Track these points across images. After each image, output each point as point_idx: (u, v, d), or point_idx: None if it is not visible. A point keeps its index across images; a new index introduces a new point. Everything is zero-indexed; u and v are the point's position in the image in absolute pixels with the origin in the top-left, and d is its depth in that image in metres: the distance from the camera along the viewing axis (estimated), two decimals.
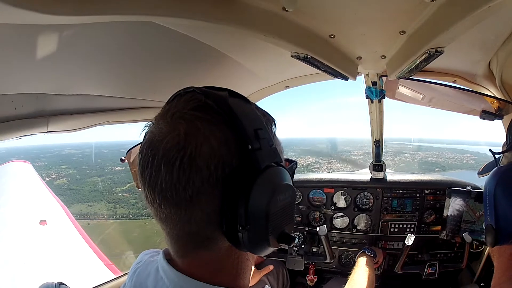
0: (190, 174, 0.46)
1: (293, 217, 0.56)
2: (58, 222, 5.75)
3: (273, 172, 0.50)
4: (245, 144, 0.48)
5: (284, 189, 0.51)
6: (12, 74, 0.78)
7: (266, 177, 0.49)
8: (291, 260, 1.94)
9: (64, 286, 1.00)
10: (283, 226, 0.53)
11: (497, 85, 1.26)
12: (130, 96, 1.16)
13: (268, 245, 0.51)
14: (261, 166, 0.48)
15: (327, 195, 2.11)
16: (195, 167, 0.46)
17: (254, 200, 0.47)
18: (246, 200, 0.46)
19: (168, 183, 0.47)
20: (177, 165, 0.46)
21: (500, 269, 0.78)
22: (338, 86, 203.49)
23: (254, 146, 0.48)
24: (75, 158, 36.39)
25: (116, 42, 0.85)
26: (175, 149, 0.46)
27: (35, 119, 0.93)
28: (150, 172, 0.48)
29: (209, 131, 0.47)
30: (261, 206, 0.48)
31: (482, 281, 1.73)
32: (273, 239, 0.51)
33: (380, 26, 0.94)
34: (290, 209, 0.54)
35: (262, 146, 0.49)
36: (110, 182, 27.69)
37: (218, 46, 1.06)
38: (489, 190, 0.79)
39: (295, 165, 0.65)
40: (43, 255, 4.41)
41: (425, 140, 48.62)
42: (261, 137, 0.49)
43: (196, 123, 0.48)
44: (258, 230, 0.48)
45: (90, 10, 0.55)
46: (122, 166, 11.58)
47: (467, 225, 1.62)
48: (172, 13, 0.66)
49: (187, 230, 0.51)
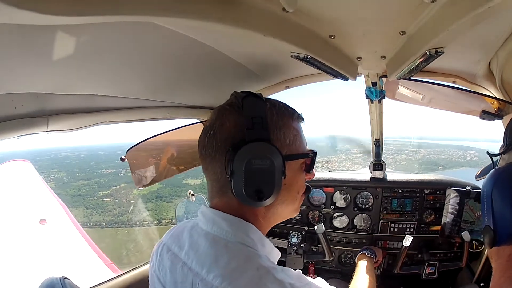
0: (214, 140, 0.74)
1: (272, 183, 0.72)
2: (58, 221, 5.76)
3: (254, 144, 0.70)
4: (244, 125, 0.72)
5: (259, 157, 0.70)
6: (12, 73, 0.78)
7: (248, 147, 0.70)
8: (290, 260, 1.94)
9: (68, 281, 1.00)
10: (258, 184, 0.71)
11: (497, 85, 1.25)
12: (130, 96, 1.16)
13: (248, 197, 0.70)
14: (245, 140, 0.70)
15: (326, 194, 2.12)
16: (217, 136, 0.74)
17: (236, 162, 0.69)
18: (233, 159, 0.69)
19: (206, 144, 0.76)
20: (209, 134, 0.76)
21: (499, 270, 0.78)
22: (338, 86, 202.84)
23: (248, 127, 0.71)
24: (69, 161, 36.45)
25: (116, 42, 0.85)
26: (210, 125, 0.77)
27: (35, 119, 0.93)
28: (201, 138, 0.78)
29: (227, 116, 0.76)
30: (240, 167, 0.69)
31: (482, 281, 1.73)
32: (249, 191, 0.70)
33: (380, 27, 0.94)
34: (268, 175, 0.71)
35: (254, 127, 0.71)
36: (96, 185, 27.44)
37: (218, 46, 1.06)
38: (487, 191, 0.79)
39: (313, 154, 0.83)
40: (43, 254, 4.41)
41: (425, 137, 47.93)
42: (255, 122, 0.72)
43: (222, 111, 0.77)
44: (238, 181, 0.70)
45: (90, 10, 0.55)
46: (112, 168, 11.61)
47: (466, 225, 1.62)
48: (171, 13, 0.66)
49: (214, 178, 0.78)
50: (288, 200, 0.81)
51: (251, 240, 0.74)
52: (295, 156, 0.79)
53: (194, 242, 0.75)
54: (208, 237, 0.74)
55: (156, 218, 21.84)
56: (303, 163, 0.82)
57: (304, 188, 0.86)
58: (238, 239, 0.73)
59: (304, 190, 0.86)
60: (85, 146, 44.21)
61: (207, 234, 0.75)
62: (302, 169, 0.83)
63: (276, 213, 0.81)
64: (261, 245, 0.76)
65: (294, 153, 0.79)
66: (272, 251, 0.81)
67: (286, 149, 0.77)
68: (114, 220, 22.01)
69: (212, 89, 1.42)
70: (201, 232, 0.77)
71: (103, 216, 22.83)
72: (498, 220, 0.76)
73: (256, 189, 0.71)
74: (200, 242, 0.74)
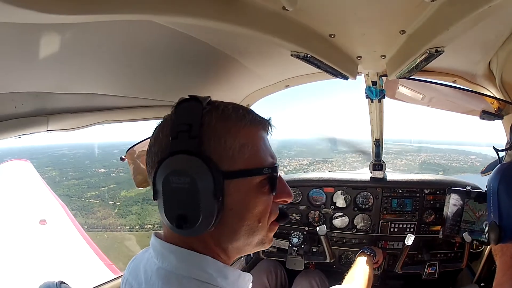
0: (149, 157, 0.66)
1: (196, 207, 0.57)
2: (58, 222, 5.75)
3: (173, 158, 0.58)
4: (169, 135, 0.61)
5: (177, 173, 0.57)
6: (13, 72, 0.78)
7: (167, 162, 0.58)
8: (291, 260, 1.94)
9: (65, 285, 1.00)
10: (177, 208, 0.58)
11: (497, 85, 1.25)
12: (130, 95, 1.16)
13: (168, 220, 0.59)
14: (168, 152, 0.59)
15: (326, 194, 2.11)
16: (151, 151, 0.65)
17: (158, 177, 0.59)
18: (155, 177, 0.59)
19: (146, 161, 0.68)
20: (147, 150, 0.67)
21: (502, 268, 0.78)
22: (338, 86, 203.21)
23: (173, 136, 0.59)
24: (65, 159, 35.64)
25: (117, 41, 0.85)
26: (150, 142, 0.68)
27: (35, 118, 0.93)
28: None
29: (161, 129, 0.65)
30: (159, 184, 0.59)
31: (482, 281, 1.73)
32: (170, 216, 0.59)
33: (380, 26, 0.94)
34: (190, 196, 0.57)
35: (179, 136, 0.59)
36: (86, 186, 26.56)
37: (218, 45, 1.06)
38: (493, 187, 0.79)
39: (270, 171, 0.65)
40: (43, 255, 4.41)
41: (425, 141, 47.53)
42: (180, 130, 0.59)
43: (160, 123, 0.67)
44: (160, 204, 0.59)
45: (90, 9, 0.55)
46: (105, 168, 11.51)
47: (467, 225, 1.62)
48: (172, 12, 0.66)
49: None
50: (243, 230, 0.63)
51: (207, 274, 0.61)
52: (243, 172, 0.61)
53: (148, 279, 0.64)
54: (160, 274, 0.62)
55: (138, 223, 20.79)
56: (262, 182, 0.64)
57: (273, 215, 0.68)
58: (192, 275, 0.61)
59: (274, 217, 0.68)
60: (83, 144, 43.27)
61: (159, 269, 0.63)
62: (263, 189, 0.64)
63: (231, 243, 0.65)
64: (222, 278, 0.63)
65: (242, 169, 0.61)
66: (238, 280, 0.67)
67: (228, 164, 0.60)
68: (96, 223, 21.06)
69: (212, 88, 1.42)
70: (154, 267, 0.65)
71: (86, 219, 21.80)
72: (504, 215, 0.75)
73: (178, 214, 0.58)
74: (153, 280, 0.62)
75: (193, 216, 0.57)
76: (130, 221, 21.15)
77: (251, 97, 1.78)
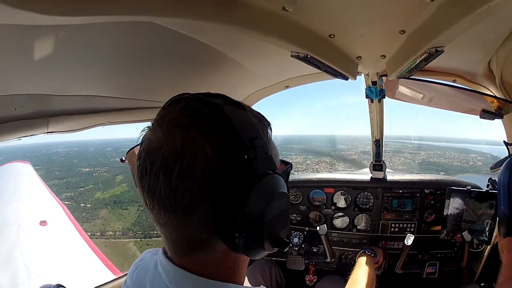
0: (188, 182, 0.48)
1: (287, 222, 0.57)
2: (58, 223, 5.75)
3: (268, 180, 0.51)
4: (241, 153, 0.49)
5: (279, 197, 0.53)
6: (12, 74, 0.78)
7: (262, 186, 0.50)
8: (291, 260, 1.94)
9: None
10: (277, 231, 0.54)
11: (497, 84, 1.26)
12: (130, 96, 1.16)
13: (263, 249, 0.54)
14: (256, 175, 0.50)
15: (327, 195, 2.11)
16: (192, 175, 0.48)
17: (250, 207, 0.48)
18: (243, 207, 0.48)
19: (166, 190, 0.48)
20: (175, 173, 0.47)
21: (509, 264, 0.77)
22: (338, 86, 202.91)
23: (250, 155, 0.49)
24: (56, 158, 34.41)
25: (116, 42, 0.85)
26: (172, 158, 0.48)
27: (35, 120, 0.93)
28: (149, 179, 0.50)
29: (204, 140, 0.48)
30: (257, 214, 0.50)
31: (482, 280, 1.73)
32: (268, 244, 0.53)
33: (380, 26, 0.94)
34: (285, 215, 0.55)
35: (258, 154, 0.50)
36: (64, 186, 25.21)
37: (218, 46, 1.06)
38: (503, 180, 0.79)
39: (290, 167, 0.67)
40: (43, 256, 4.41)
41: (425, 138, 47.02)
42: (257, 146, 0.50)
43: (191, 131, 0.49)
44: (254, 236, 0.50)
45: (90, 10, 0.55)
46: (90, 167, 11.37)
47: (467, 225, 1.62)
48: (171, 13, 0.66)
49: (185, 234, 0.53)
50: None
51: None
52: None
53: None
54: None
55: (100, 230, 19.21)
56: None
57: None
58: None
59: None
60: (78, 141, 41.97)
61: None
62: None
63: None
64: None
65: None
66: None
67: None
68: None
69: (213, 89, 1.42)
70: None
71: None
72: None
73: (277, 237, 0.55)
74: None
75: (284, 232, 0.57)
76: (93, 226, 19.84)
77: (251, 98, 1.78)
